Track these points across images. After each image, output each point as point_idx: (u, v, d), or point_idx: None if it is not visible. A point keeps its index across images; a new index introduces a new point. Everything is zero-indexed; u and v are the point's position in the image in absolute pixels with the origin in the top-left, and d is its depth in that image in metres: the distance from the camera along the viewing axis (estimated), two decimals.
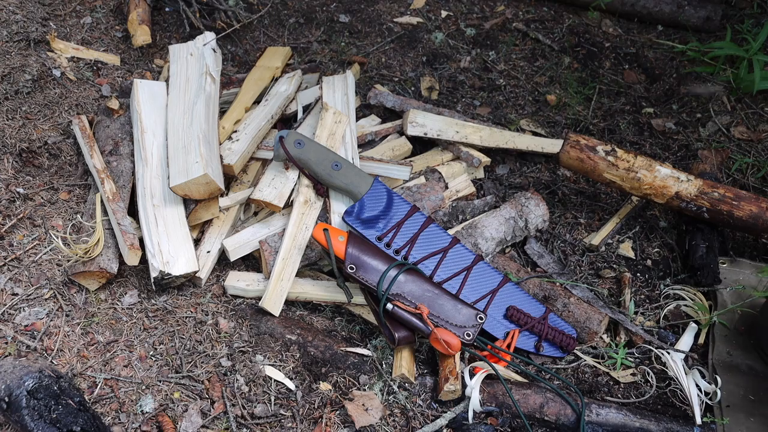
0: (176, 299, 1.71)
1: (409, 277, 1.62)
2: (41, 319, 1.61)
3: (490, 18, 2.73)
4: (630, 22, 2.74)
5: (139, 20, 2.33)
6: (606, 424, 1.53)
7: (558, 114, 2.37)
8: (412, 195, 1.89)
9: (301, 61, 2.46)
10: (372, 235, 1.74)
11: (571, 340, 1.68)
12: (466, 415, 1.53)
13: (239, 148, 1.89)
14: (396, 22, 2.67)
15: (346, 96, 2.07)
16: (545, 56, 2.58)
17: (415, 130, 2.06)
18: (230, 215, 1.86)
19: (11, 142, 1.91)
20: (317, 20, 2.64)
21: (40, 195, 1.86)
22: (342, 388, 1.58)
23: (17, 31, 2.21)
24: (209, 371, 1.57)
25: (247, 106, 2.09)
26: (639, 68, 2.55)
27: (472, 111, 2.35)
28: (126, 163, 1.88)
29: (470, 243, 1.82)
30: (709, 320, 1.77)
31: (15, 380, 1.34)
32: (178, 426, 1.46)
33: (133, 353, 1.59)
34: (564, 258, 1.94)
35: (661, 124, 2.33)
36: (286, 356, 1.62)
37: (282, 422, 1.51)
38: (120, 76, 2.27)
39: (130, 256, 1.67)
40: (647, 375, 1.67)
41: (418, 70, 2.48)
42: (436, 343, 1.55)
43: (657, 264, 1.95)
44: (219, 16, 2.48)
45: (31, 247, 1.74)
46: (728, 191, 1.87)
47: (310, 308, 1.77)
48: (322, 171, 1.78)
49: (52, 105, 2.07)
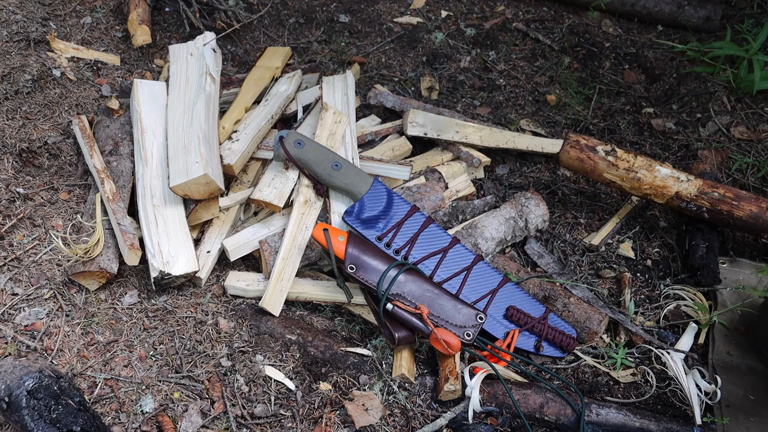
0: (176, 299, 1.71)
1: (409, 277, 1.62)
2: (41, 319, 1.61)
3: (490, 18, 2.73)
4: (630, 22, 2.74)
5: (139, 20, 2.33)
6: (606, 424, 1.53)
7: (558, 114, 2.37)
8: (412, 195, 1.89)
9: (301, 61, 2.46)
10: (372, 235, 1.74)
11: (571, 340, 1.68)
12: (466, 415, 1.53)
13: (239, 148, 1.89)
14: (396, 22, 2.67)
15: (346, 96, 2.07)
16: (545, 56, 2.58)
17: (415, 130, 2.06)
18: (230, 215, 1.86)
19: (11, 142, 1.91)
20: (317, 20, 2.64)
21: (40, 195, 1.86)
22: (342, 388, 1.57)
23: (17, 31, 2.21)
24: (209, 371, 1.57)
25: (247, 106, 2.09)
26: (639, 68, 2.55)
27: (472, 111, 2.35)
28: (126, 163, 1.88)
29: (470, 243, 1.82)
30: (709, 320, 1.77)
31: (15, 380, 1.34)
32: (178, 426, 1.46)
33: (133, 353, 1.59)
34: (564, 258, 1.94)
35: (661, 124, 2.33)
36: (286, 356, 1.62)
37: (282, 422, 1.51)
38: (120, 76, 2.27)
39: (130, 256, 1.67)
40: (647, 375, 1.67)
41: (418, 70, 2.48)
42: (436, 343, 1.55)
43: (657, 264, 1.95)
44: (219, 16, 2.48)
45: (31, 247, 1.74)
46: (728, 191, 1.87)
47: (310, 308, 1.77)
48: (322, 171, 1.78)
49: (52, 105, 2.07)
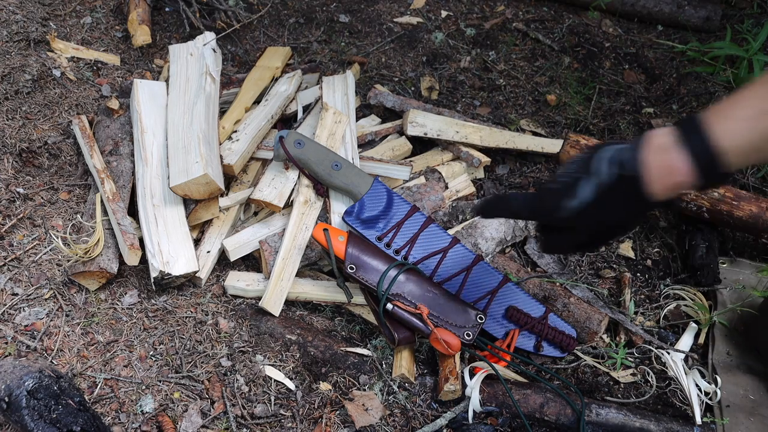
0: (176, 299, 1.71)
1: (409, 277, 1.62)
2: (41, 319, 1.61)
3: (490, 18, 2.73)
4: (630, 22, 2.74)
5: (139, 20, 2.33)
6: (606, 424, 1.53)
7: (558, 114, 2.37)
8: (412, 195, 1.89)
9: (301, 61, 2.46)
10: (372, 235, 1.74)
11: (571, 340, 1.68)
12: (466, 415, 1.54)
13: (239, 148, 1.89)
14: (396, 22, 2.67)
15: (346, 96, 2.07)
16: (545, 56, 2.58)
17: (415, 130, 2.06)
18: (230, 215, 1.86)
19: (11, 142, 1.91)
20: (317, 20, 2.64)
21: (40, 195, 1.86)
22: (342, 388, 1.58)
23: (17, 31, 2.21)
24: (209, 371, 1.57)
25: (247, 106, 2.09)
26: (639, 68, 2.55)
27: (472, 111, 2.35)
28: (126, 163, 1.88)
29: (470, 243, 1.82)
30: (709, 320, 1.77)
31: (15, 380, 1.34)
32: (178, 426, 1.46)
33: (133, 353, 1.59)
34: (564, 258, 1.94)
35: (661, 124, 2.33)
36: (286, 356, 1.62)
37: (282, 422, 1.51)
38: (120, 76, 2.27)
39: (130, 256, 1.67)
40: (647, 375, 1.67)
41: (418, 70, 2.48)
42: (436, 343, 1.55)
43: (657, 264, 1.95)
44: (219, 16, 2.48)
45: (31, 247, 1.75)
46: (728, 191, 1.87)
47: (310, 308, 1.77)
48: (322, 171, 1.78)
49: (52, 105, 2.07)
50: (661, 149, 1.05)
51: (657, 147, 1.05)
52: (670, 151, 1.03)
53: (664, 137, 1.05)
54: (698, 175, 1.02)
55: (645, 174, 1.06)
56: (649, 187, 1.06)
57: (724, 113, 1.00)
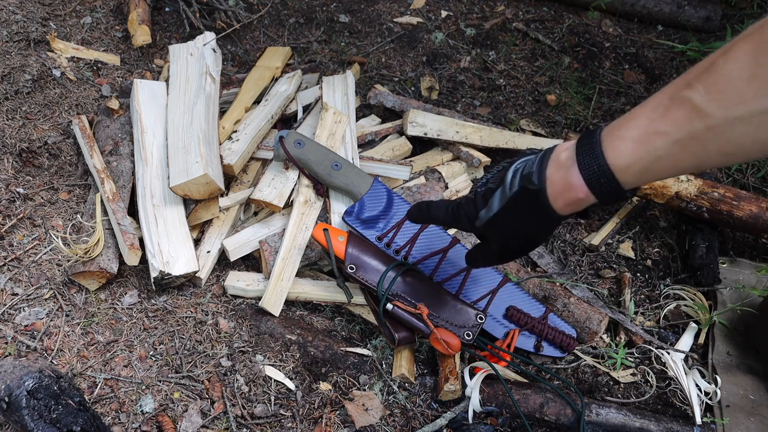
0: (176, 299, 1.71)
1: (409, 277, 1.62)
2: (41, 319, 1.61)
3: (490, 18, 2.73)
4: (630, 22, 2.74)
5: (139, 20, 2.33)
6: (606, 424, 1.53)
7: (558, 114, 2.37)
8: (412, 195, 1.89)
9: (301, 61, 2.45)
10: (372, 235, 1.74)
11: (571, 340, 1.68)
12: (466, 415, 1.53)
13: (239, 148, 1.89)
14: (396, 22, 2.67)
15: (346, 96, 2.07)
16: (545, 56, 2.58)
17: (415, 130, 2.06)
18: (230, 215, 1.86)
19: (11, 142, 1.91)
20: (317, 20, 2.64)
21: (40, 195, 1.86)
22: (342, 388, 1.58)
23: (17, 31, 2.21)
24: (209, 371, 1.57)
25: (247, 106, 2.09)
26: (639, 68, 2.55)
27: (472, 111, 2.35)
28: (126, 163, 1.88)
29: (470, 243, 1.82)
30: (709, 320, 1.77)
31: (15, 380, 1.34)
32: (178, 426, 1.46)
33: (133, 353, 1.59)
34: (564, 258, 1.94)
35: None
36: (286, 356, 1.62)
37: (282, 422, 1.51)
38: (120, 76, 2.27)
39: (130, 256, 1.67)
40: (647, 375, 1.67)
41: (418, 70, 2.48)
42: (436, 343, 1.55)
43: (657, 264, 1.95)
44: (219, 16, 2.48)
45: (31, 247, 1.75)
46: (728, 191, 1.87)
47: (310, 308, 1.77)
48: (322, 171, 1.78)
49: (52, 105, 2.07)
50: (562, 165, 1.02)
51: (559, 162, 1.03)
52: (570, 167, 1.01)
53: (566, 152, 1.03)
54: (593, 194, 0.99)
55: (548, 188, 1.04)
56: (551, 201, 1.05)
57: (615, 132, 0.96)
